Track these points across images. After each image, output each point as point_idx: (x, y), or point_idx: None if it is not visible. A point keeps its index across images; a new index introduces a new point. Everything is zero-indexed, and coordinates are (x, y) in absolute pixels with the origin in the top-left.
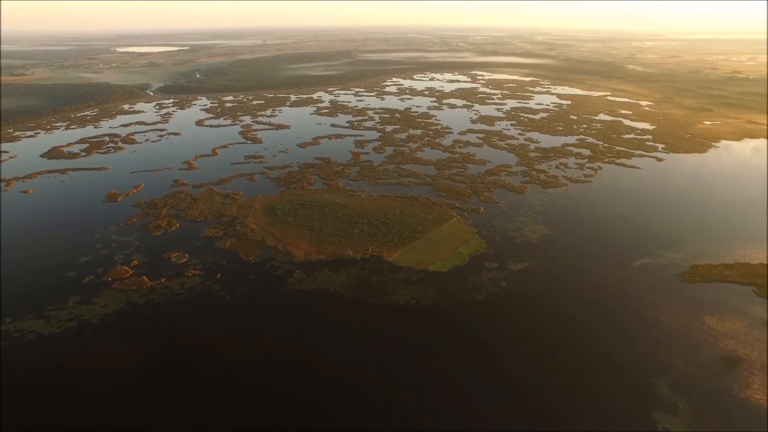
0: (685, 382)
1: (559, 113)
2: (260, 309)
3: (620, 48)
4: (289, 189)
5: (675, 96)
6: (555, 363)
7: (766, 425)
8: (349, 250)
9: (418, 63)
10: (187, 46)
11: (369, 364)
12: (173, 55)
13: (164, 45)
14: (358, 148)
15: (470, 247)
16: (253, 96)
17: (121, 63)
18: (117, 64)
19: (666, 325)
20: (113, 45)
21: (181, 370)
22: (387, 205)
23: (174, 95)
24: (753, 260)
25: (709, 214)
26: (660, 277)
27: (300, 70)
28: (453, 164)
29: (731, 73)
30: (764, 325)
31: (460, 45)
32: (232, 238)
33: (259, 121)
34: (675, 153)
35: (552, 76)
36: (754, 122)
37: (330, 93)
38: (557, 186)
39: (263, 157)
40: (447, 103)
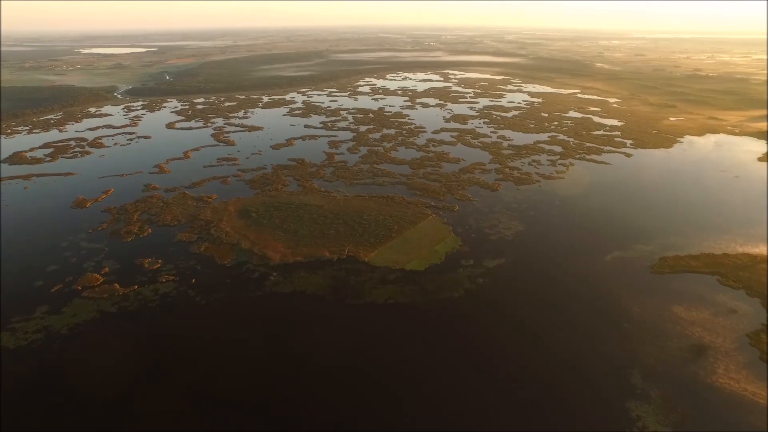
0: (657, 371)
1: (531, 111)
2: (237, 313)
3: (588, 47)
4: (264, 191)
5: (641, 93)
6: (532, 356)
7: (729, 407)
8: (325, 251)
9: (391, 63)
10: (155, 47)
11: (348, 365)
12: (141, 57)
13: (131, 46)
14: (332, 149)
15: (446, 245)
16: (225, 98)
17: (86, 65)
18: (82, 65)
19: (638, 315)
20: (77, 46)
21: (157, 378)
22: (362, 205)
23: (143, 98)
24: (717, 251)
25: (676, 207)
26: (631, 270)
27: (272, 71)
28: (427, 163)
29: (693, 71)
30: (728, 313)
31: (432, 44)
32: (206, 242)
33: (232, 123)
34: (643, 148)
35: (523, 74)
36: (714, 118)
37: (303, 94)
38: (530, 183)
39: (236, 159)
40: (420, 102)
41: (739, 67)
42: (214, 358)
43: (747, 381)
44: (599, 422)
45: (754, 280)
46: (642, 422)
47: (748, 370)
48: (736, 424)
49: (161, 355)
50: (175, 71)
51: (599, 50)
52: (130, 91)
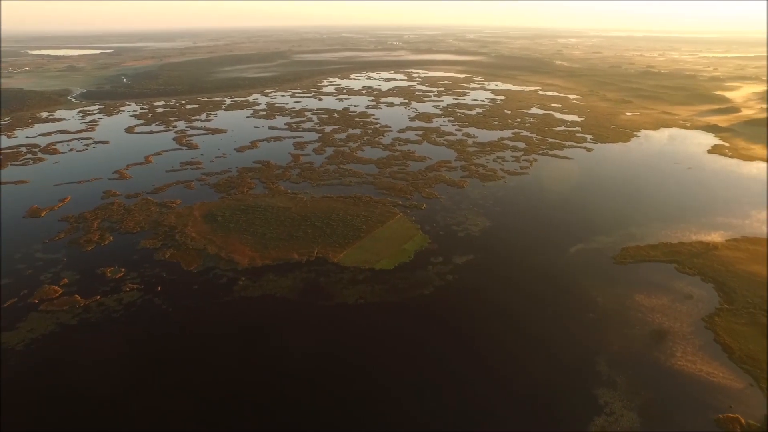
0: (622, 358)
1: (494, 108)
2: (206, 319)
3: (547, 45)
4: (229, 195)
5: (599, 89)
6: (503, 348)
7: (688, 388)
8: (294, 254)
9: (355, 62)
10: (110, 48)
11: (321, 367)
12: (95, 59)
13: (84, 48)
14: (297, 150)
15: (415, 243)
16: (186, 100)
17: (35, 67)
18: (30, 68)
19: (602, 305)
20: (23, 47)
21: (126, 391)
22: (330, 205)
23: (99, 101)
24: (673, 240)
25: (635, 199)
26: (595, 261)
27: (234, 73)
28: (393, 162)
29: (646, 68)
30: (685, 299)
31: (395, 44)
32: (171, 248)
33: (194, 126)
34: (602, 143)
35: (485, 72)
36: (667, 113)
37: (266, 95)
38: (496, 179)
39: (200, 163)
40: (385, 101)
41: (688, 65)
42: (183, 367)
43: (703, 362)
44: (570, 410)
45: (707, 267)
46: (609, 408)
47: (704, 352)
48: (695, 402)
49: (128, 367)
50: (133, 73)
51: (558, 48)
52: (85, 94)
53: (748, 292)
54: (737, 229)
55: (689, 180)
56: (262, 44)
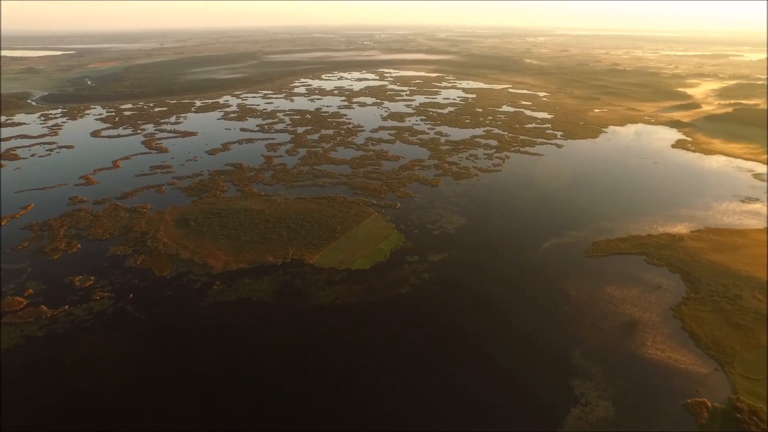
0: (596, 349)
1: (466, 107)
2: (180, 326)
3: (516, 43)
4: (201, 198)
5: (567, 87)
6: (480, 344)
7: (658, 375)
8: (269, 256)
9: (326, 63)
10: (72, 50)
11: (298, 369)
12: (56, 60)
13: (43, 49)
14: (270, 152)
15: (390, 242)
16: (155, 103)
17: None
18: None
19: (576, 298)
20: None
21: (98, 403)
22: (304, 207)
23: (62, 104)
24: (642, 232)
25: (605, 193)
26: (567, 255)
27: (203, 74)
28: (367, 162)
29: (611, 66)
30: (654, 289)
31: (366, 44)
32: (143, 254)
33: (163, 129)
34: (572, 139)
35: (456, 71)
36: (633, 109)
37: (237, 96)
38: (469, 177)
39: (171, 166)
40: (357, 101)
41: (651, 62)
42: (158, 376)
43: (671, 350)
44: (548, 402)
45: (674, 257)
46: (585, 398)
47: (672, 340)
48: (665, 389)
49: (100, 377)
50: (98, 76)
51: (527, 47)
52: (46, 97)
53: (712, 280)
54: (700, 220)
55: (655, 174)
56: (231, 45)
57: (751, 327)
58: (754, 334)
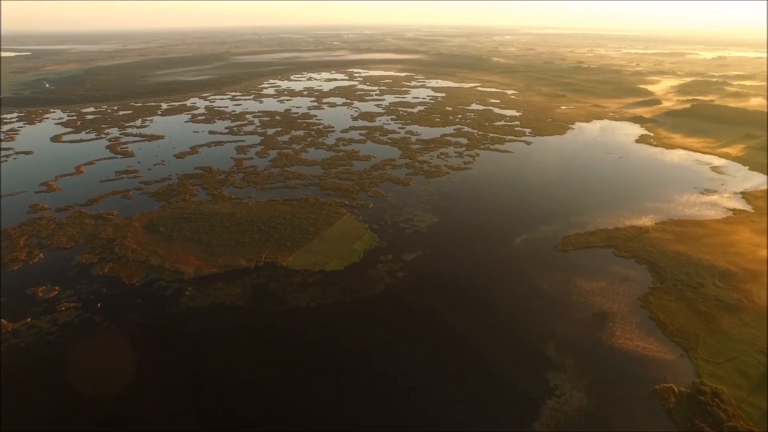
0: (568, 341)
1: (435, 105)
2: (151, 334)
3: (484, 42)
4: (171, 203)
5: (534, 84)
6: (456, 340)
7: (628, 364)
8: (241, 260)
9: (294, 63)
10: (27, 51)
11: (275, 373)
12: (10, 62)
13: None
14: (240, 154)
15: (363, 242)
16: (119, 106)
17: None
18: None
19: (548, 292)
20: None
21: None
22: (276, 209)
23: (18, 108)
24: (609, 226)
25: (573, 188)
26: (539, 250)
27: (169, 76)
28: (338, 162)
29: (576, 64)
30: (622, 281)
31: (334, 44)
32: (110, 262)
33: (129, 133)
34: (540, 136)
35: (425, 70)
36: (598, 105)
37: (204, 99)
38: (440, 175)
39: (137, 171)
40: (327, 102)
41: (614, 60)
42: (130, 386)
43: (639, 339)
44: (524, 394)
45: (640, 249)
46: (560, 390)
47: (640, 329)
48: (635, 377)
49: (66, 391)
50: (57, 78)
51: (494, 45)
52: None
53: (676, 270)
54: (664, 212)
55: (621, 169)
56: (197, 46)
57: (712, 313)
58: (715, 319)
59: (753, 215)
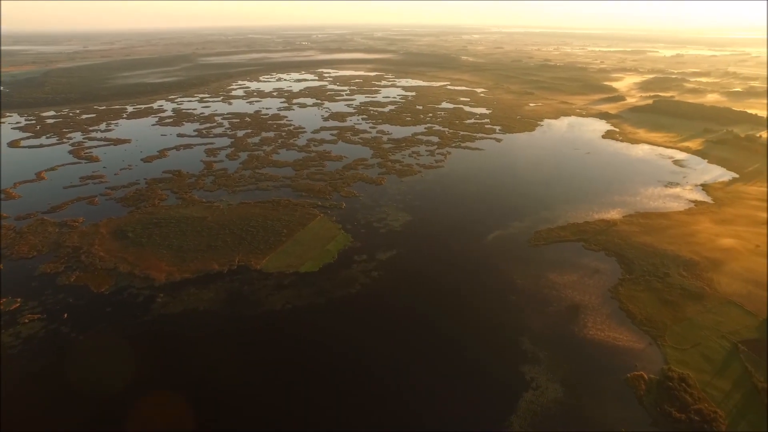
0: (543, 335)
1: (406, 104)
2: (124, 342)
3: (452, 41)
4: (139, 208)
5: (503, 82)
6: (433, 337)
7: (600, 354)
8: (214, 264)
9: (263, 64)
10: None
11: (251, 378)
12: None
13: None
14: (210, 157)
15: (338, 243)
16: (81, 109)
17: None
18: None
19: (521, 287)
20: None
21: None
22: (248, 212)
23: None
24: (579, 220)
25: (543, 184)
26: (511, 246)
27: (134, 78)
28: (310, 163)
29: (543, 62)
30: (593, 273)
31: (303, 44)
32: (77, 270)
33: (93, 137)
34: (510, 133)
35: (395, 69)
36: (565, 102)
37: (172, 101)
38: (412, 174)
39: (103, 176)
40: (297, 102)
41: (579, 58)
42: (100, 398)
43: (610, 329)
44: (501, 388)
45: (609, 242)
46: (536, 382)
47: (611, 320)
48: (607, 366)
49: (34, 406)
50: (12, 81)
51: (463, 44)
52: None
53: (643, 261)
54: (631, 205)
55: (589, 164)
56: (162, 47)
57: (677, 302)
58: (681, 308)
59: (712, 206)
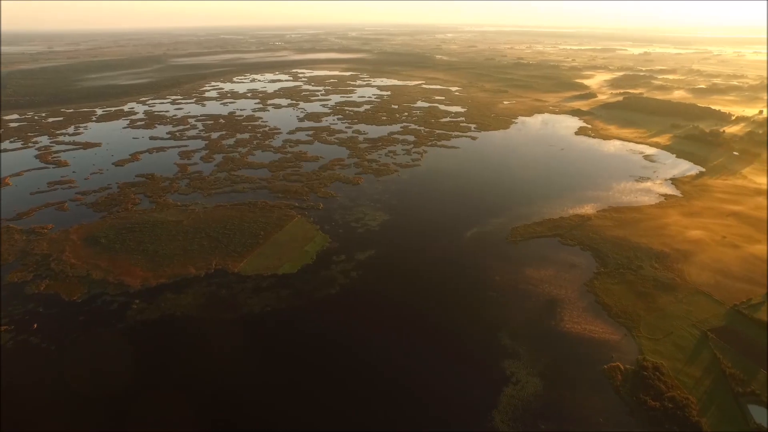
0: (521, 329)
1: (382, 104)
2: (98, 351)
3: (426, 40)
4: (112, 213)
5: (477, 81)
6: (413, 334)
7: (577, 347)
8: (191, 269)
9: (237, 65)
10: None
11: (231, 383)
12: None
13: None
14: (184, 160)
15: (316, 244)
16: (48, 112)
17: None
18: None
19: (500, 282)
20: None
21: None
22: (224, 214)
23: None
24: (555, 215)
25: (519, 181)
26: (489, 242)
27: (103, 80)
28: (286, 164)
29: (516, 60)
30: (569, 267)
31: (277, 44)
32: (47, 279)
33: (61, 141)
34: (485, 131)
35: (370, 69)
36: (539, 100)
37: (143, 103)
38: (389, 173)
39: (73, 181)
40: (272, 103)
41: (551, 56)
42: (74, 408)
43: (587, 322)
44: (482, 384)
45: (584, 236)
46: (516, 377)
47: (588, 312)
48: (585, 358)
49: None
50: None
51: (437, 43)
52: None
53: (617, 254)
54: (604, 200)
55: (563, 160)
56: (132, 48)
57: (650, 293)
58: (654, 299)
59: (681, 199)
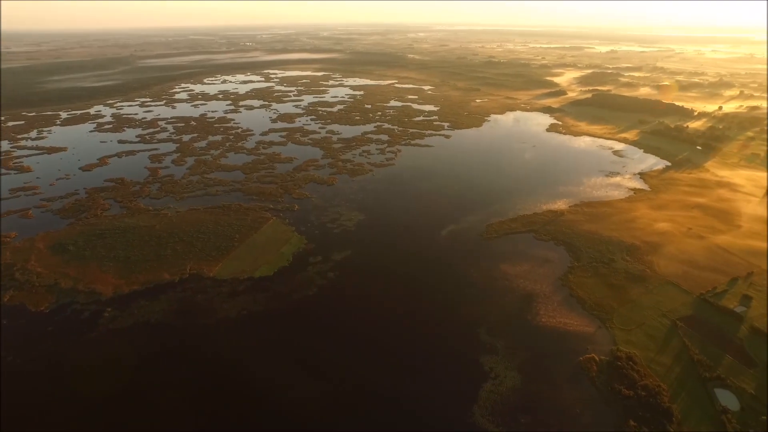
0: (499, 325)
1: (355, 104)
2: (70, 362)
3: (398, 39)
4: (80, 219)
5: (450, 79)
6: (390, 334)
7: (553, 340)
8: (164, 274)
9: (207, 66)
10: None
11: (210, 390)
12: None
13: None
14: (154, 163)
15: (292, 245)
16: (7, 116)
17: None
18: None
19: (477, 279)
20: None
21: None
22: (198, 218)
23: None
24: (528, 212)
25: (493, 178)
26: (465, 240)
27: (67, 82)
28: (260, 166)
29: (488, 58)
30: (544, 262)
31: (248, 45)
32: (11, 289)
33: (23, 146)
34: (458, 129)
35: (342, 69)
36: (510, 98)
37: (110, 106)
38: (364, 173)
39: (37, 187)
40: (244, 104)
41: (522, 54)
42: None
43: (561, 315)
44: (461, 380)
45: (558, 231)
46: (494, 372)
47: (563, 306)
48: (561, 351)
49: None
50: None
51: (409, 42)
52: None
53: (590, 248)
54: (576, 195)
55: (535, 157)
56: (97, 49)
57: (622, 285)
58: (626, 290)
59: (649, 193)
